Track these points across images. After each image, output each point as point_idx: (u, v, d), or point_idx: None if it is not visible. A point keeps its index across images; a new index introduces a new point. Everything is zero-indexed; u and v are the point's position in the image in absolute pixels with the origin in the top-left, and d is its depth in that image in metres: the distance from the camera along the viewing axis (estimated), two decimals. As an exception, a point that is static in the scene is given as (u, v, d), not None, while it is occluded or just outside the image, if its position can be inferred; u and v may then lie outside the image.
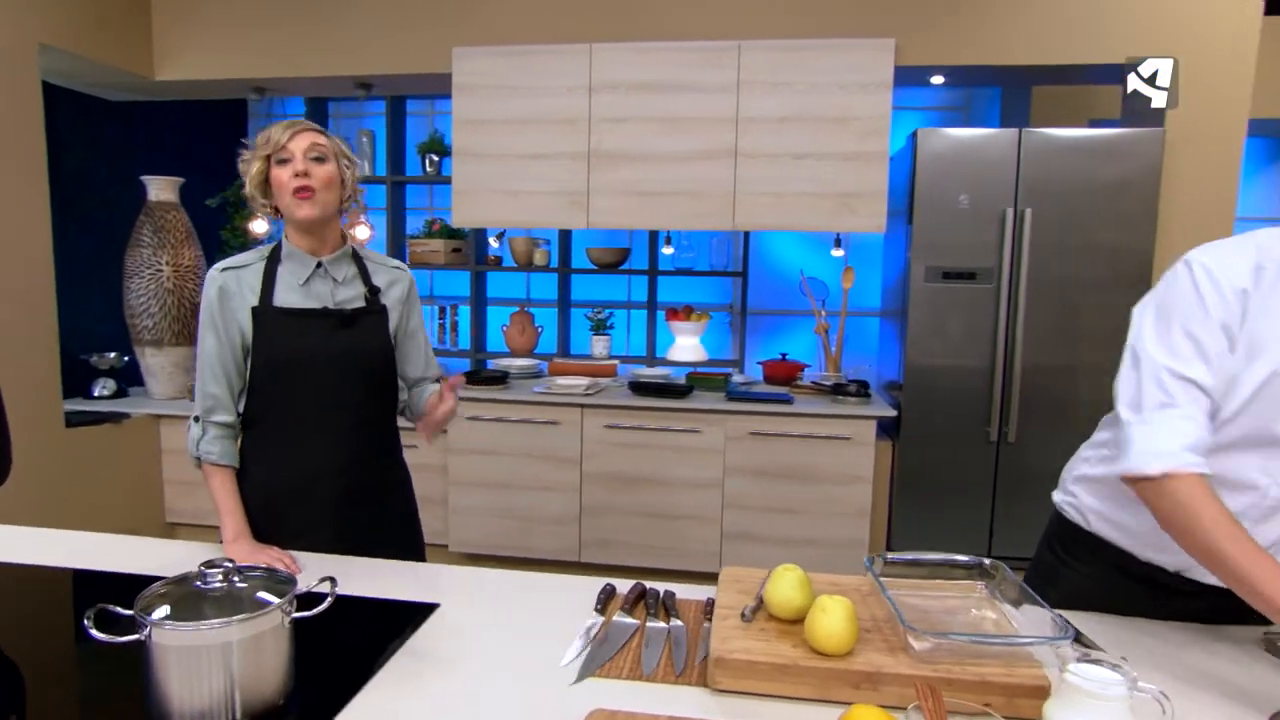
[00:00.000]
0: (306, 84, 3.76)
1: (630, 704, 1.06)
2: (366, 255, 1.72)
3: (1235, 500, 1.21)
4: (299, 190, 1.54)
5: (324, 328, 1.60)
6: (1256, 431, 1.21)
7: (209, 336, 1.59)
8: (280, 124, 1.56)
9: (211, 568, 1.03)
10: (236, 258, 1.63)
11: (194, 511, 3.69)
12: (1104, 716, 0.87)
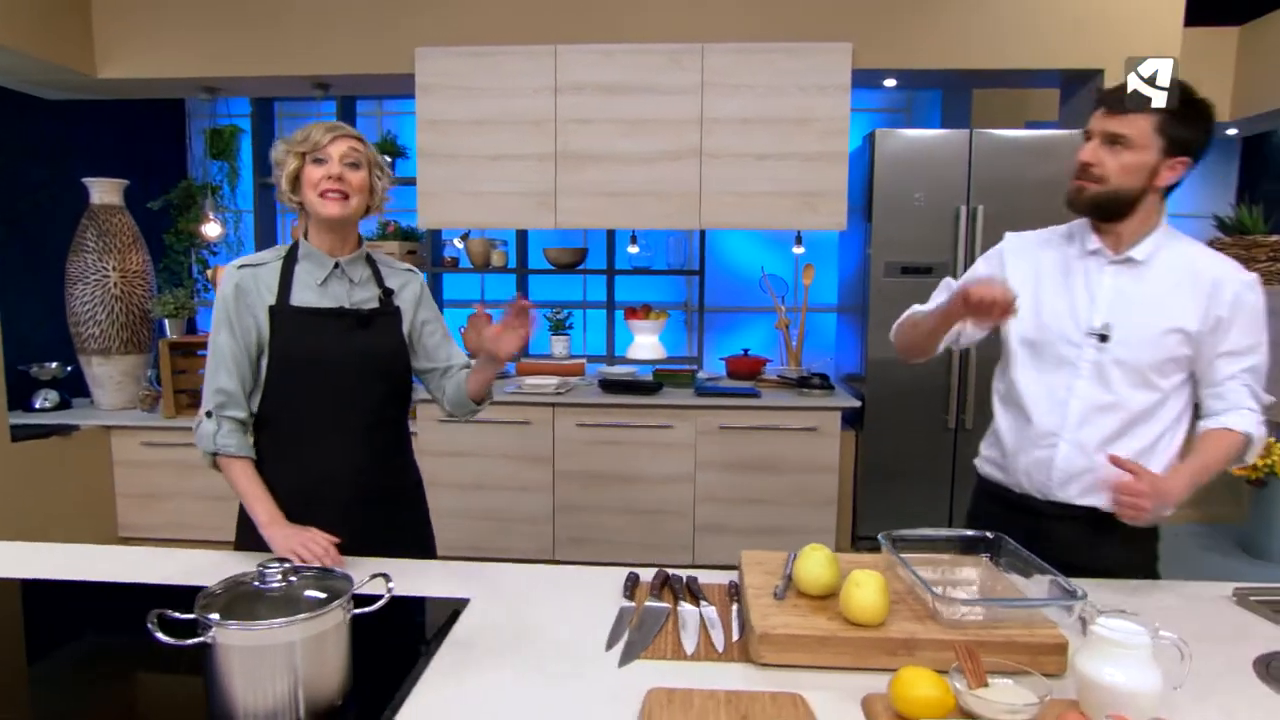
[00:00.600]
0: (260, 84, 3.67)
1: (679, 682, 1.10)
2: (380, 259, 1.73)
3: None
4: (329, 190, 1.54)
5: (341, 327, 1.60)
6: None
7: (223, 333, 1.58)
8: (321, 125, 1.56)
9: (269, 567, 1.03)
10: (254, 255, 1.63)
11: (148, 525, 3.56)
12: (1130, 664, 0.96)
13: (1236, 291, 1.46)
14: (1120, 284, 1.52)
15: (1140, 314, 1.49)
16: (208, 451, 1.58)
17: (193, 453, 3.34)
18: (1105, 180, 1.46)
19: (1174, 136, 1.42)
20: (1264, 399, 1.49)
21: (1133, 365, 1.49)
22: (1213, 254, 1.51)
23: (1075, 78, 3.44)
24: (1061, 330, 1.55)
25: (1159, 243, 1.50)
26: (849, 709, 1.04)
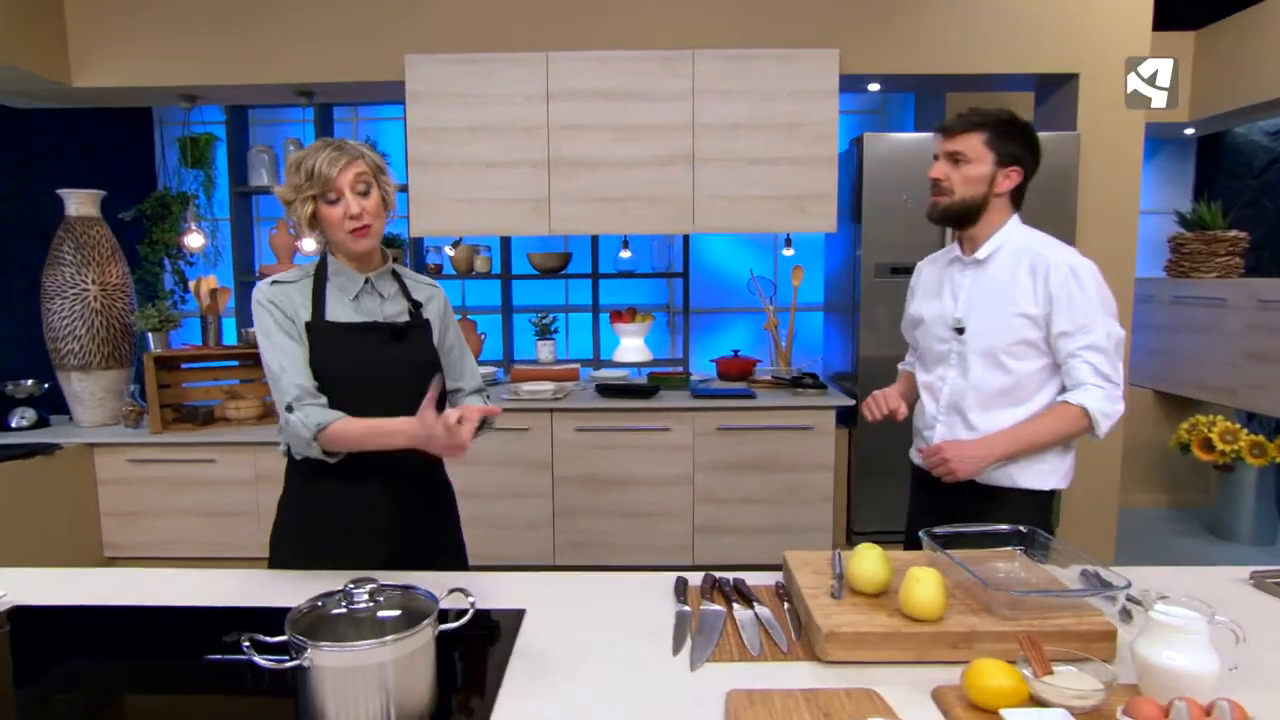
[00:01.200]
0: (242, 91, 3.60)
1: (751, 683, 1.13)
2: (403, 273, 1.73)
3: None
4: (355, 230, 1.54)
5: (376, 342, 1.61)
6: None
7: (278, 336, 1.54)
8: (322, 155, 1.51)
9: (357, 586, 1.04)
10: (282, 275, 1.62)
11: (135, 545, 3.48)
12: (1189, 648, 1.02)
13: (1064, 274, 1.65)
14: (973, 281, 1.76)
15: (988, 304, 1.72)
16: (310, 439, 1.49)
17: (183, 469, 3.29)
18: (953, 192, 1.71)
19: (1001, 150, 1.69)
20: (1109, 375, 1.65)
21: (987, 351, 1.71)
22: (1050, 242, 1.72)
23: (1050, 82, 3.56)
24: (935, 331, 1.81)
25: (1002, 239, 1.73)
26: (920, 701, 1.09)
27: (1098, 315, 1.65)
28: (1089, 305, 1.64)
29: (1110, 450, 3.53)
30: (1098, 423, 1.65)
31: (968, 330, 1.74)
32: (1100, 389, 1.64)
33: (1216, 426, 3.87)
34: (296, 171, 1.52)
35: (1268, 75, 3.82)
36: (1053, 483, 1.75)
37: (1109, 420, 1.65)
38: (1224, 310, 3.90)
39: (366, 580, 1.05)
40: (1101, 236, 3.38)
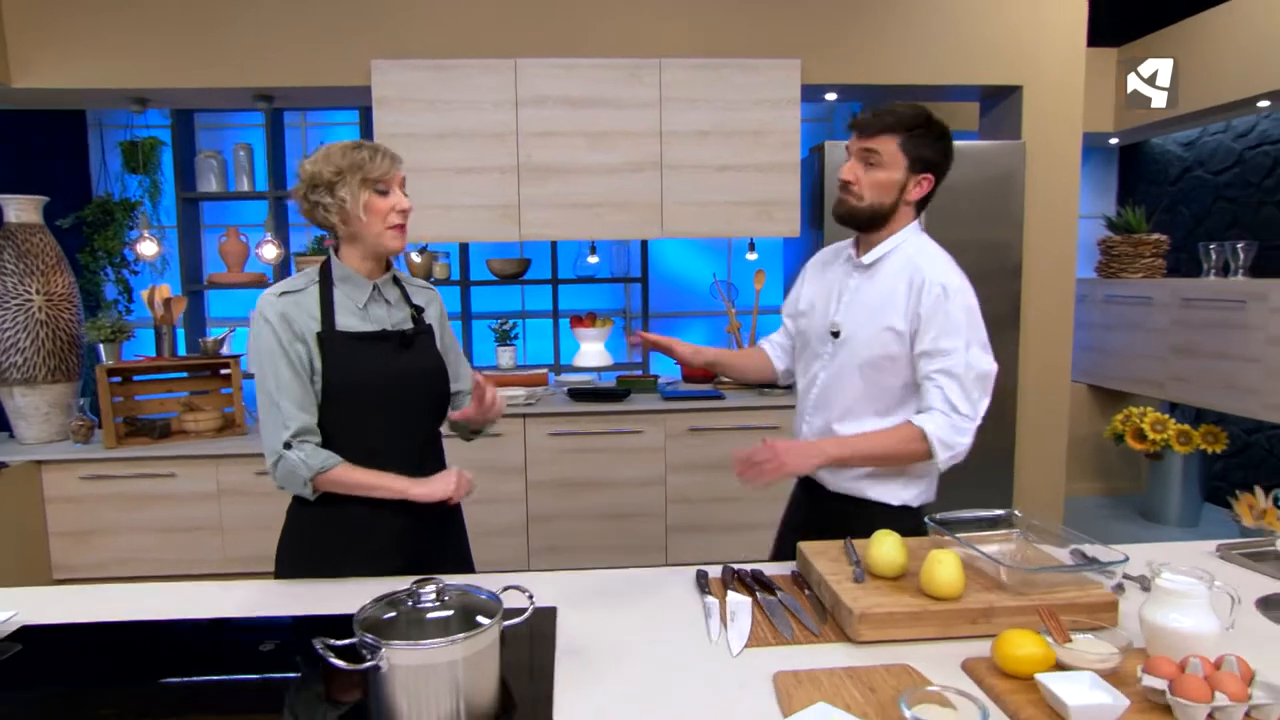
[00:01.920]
0: (198, 95, 3.50)
1: (791, 665, 1.19)
2: (401, 277, 1.72)
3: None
4: (398, 225, 1.55)
5: (386, 350, 1.61)
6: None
7: (281, 365, 1.51)
8: (378, 152, 1.53)
9: (423, 587, 1.06)
10: (288, 282, 1.59)
11: (86, 565, 3.33)
12: (1192, 611, 1.12)
13: (935, 294, 1.58)
14: (856, 286, 1.71)
15: (864, 314, 1.67)
16: (306, 480, 1.52)
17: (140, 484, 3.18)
18: (862, 196, 1.63)
19: (916, 155, 1.60)
20: (960, 404, 1.57)
21: (854, 360, 1.67)
22: (935, 258, 1.64)
23: (994, 93, 3.76)
24: (816, 328, 1.78)
25: (890, 247, 1.66)
26: (952, 673, 1.17)
27: (959, 342, 1.58)
28: (952, 330, 1.58)
29: (1055, 443, 3.74)
30: (935, 450, 1.57)
31: (842, 336, 1.70)
32: (946, 417, 1.57)
33: (1148, 417, 4.14)
34: (346, 155, 1.51)
35: (1184, 91, 4.11)
36: (906, 499, 1.70)
37: (949, 451, 1.57)
38: (1151, 308, 4.17)
39: (431, 580, 1.07)
40: (1047, 241, 3.59)
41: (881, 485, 1.71)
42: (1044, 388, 3.73)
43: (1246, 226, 4.35)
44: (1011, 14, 3.54)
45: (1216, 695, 0.98)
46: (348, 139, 1.59)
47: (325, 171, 1.52)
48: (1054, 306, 3.69)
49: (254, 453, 3.31)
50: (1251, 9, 3.73)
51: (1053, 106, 3.57)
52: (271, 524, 3.34)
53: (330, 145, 1.56)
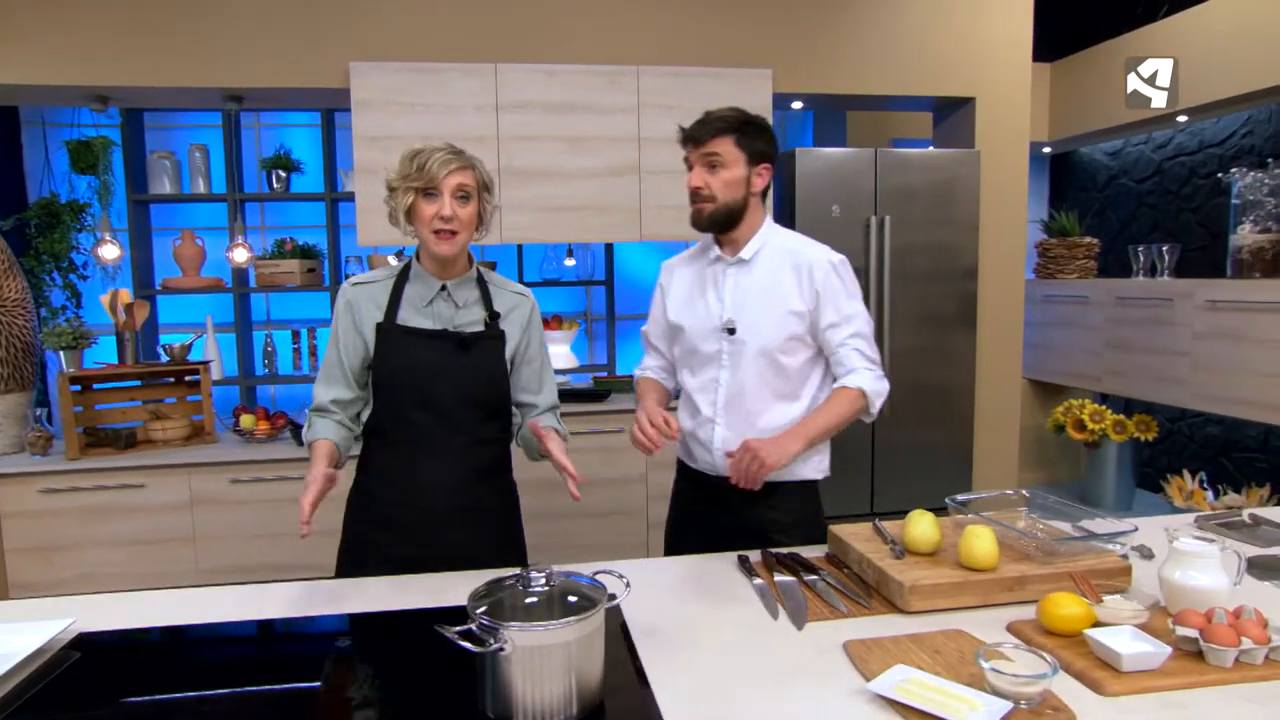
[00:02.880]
0: (164, 94, 3.39)
1: (857, 635, 1.29)
2: (491, 279, 1.75)
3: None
4: (441, 231, 1.58)
5: (442, 349, 1.65)
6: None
7: (331, 344, 1.70)
8: (438, 157, 1.55)
9: (533, 573, 1.11)
10: (369, 274, 1.70)
11: (47, 582, 3.19)
12: (1206, 570, 1.27)
13: (826, 270, 1.73)
14: (739, 282, 1.77)
15: (757, 304, 1.75)
16: (306, 441, 1.66)
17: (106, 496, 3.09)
18: (715, 199, 1.72)
19: (751, 149, 1.72)
20: (872, 356, 1.76)
21: (760, 350, 1.74)
22: (807, 241, 1.80)
23: (947, 103, 3.98)
24: (703, 332, 1.80)
25: (763, 240, 1.78)
26: (999, 634, 1.28)
27: (858, 305, 1.76)
28: (849, 296, 1.75)
29: (1009, 436, 3.99)
30: (872, 401, 1.73)
31: (739, 330, 1.75)
32: (870, 370, 1.74)
33: (1087, 409, 4.43)
34: (409, 162, 1.57)
35: (1110, 105, 4.43)
36: (822, 472, 1.85)
37: (880, 398, 1.74)
38: (1087, 306, 4.47)
39: (541, 566, 1.11)
40: (1000, 244, 3.82)
41: (806, 464, 1.81)
42: (999, 384, 3.96)
43: (1168, 231, 4.70)
44: (965, 29, 3.76)
45: (1242, 640, 1.12)
46: (429, 146, 1.62)
47: (392, 178, 1.62)
48: (1006, 306, 3.93)
49: (227, 461, 3.24)
50: (1171, 31, 4.05)
51: (1002, 117, 3.81)
52: (247, 533, 3.30)
53: (406, 152, 1.61)
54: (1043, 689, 1.04)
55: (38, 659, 1.25)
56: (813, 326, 1.75)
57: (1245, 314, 3.52)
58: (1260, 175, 3.65)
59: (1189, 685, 1.10)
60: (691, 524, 1.89)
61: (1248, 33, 3.64)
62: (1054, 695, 1.06)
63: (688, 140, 1.75)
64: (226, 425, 3.54)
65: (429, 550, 1.66)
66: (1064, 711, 1.04)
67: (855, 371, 1.74)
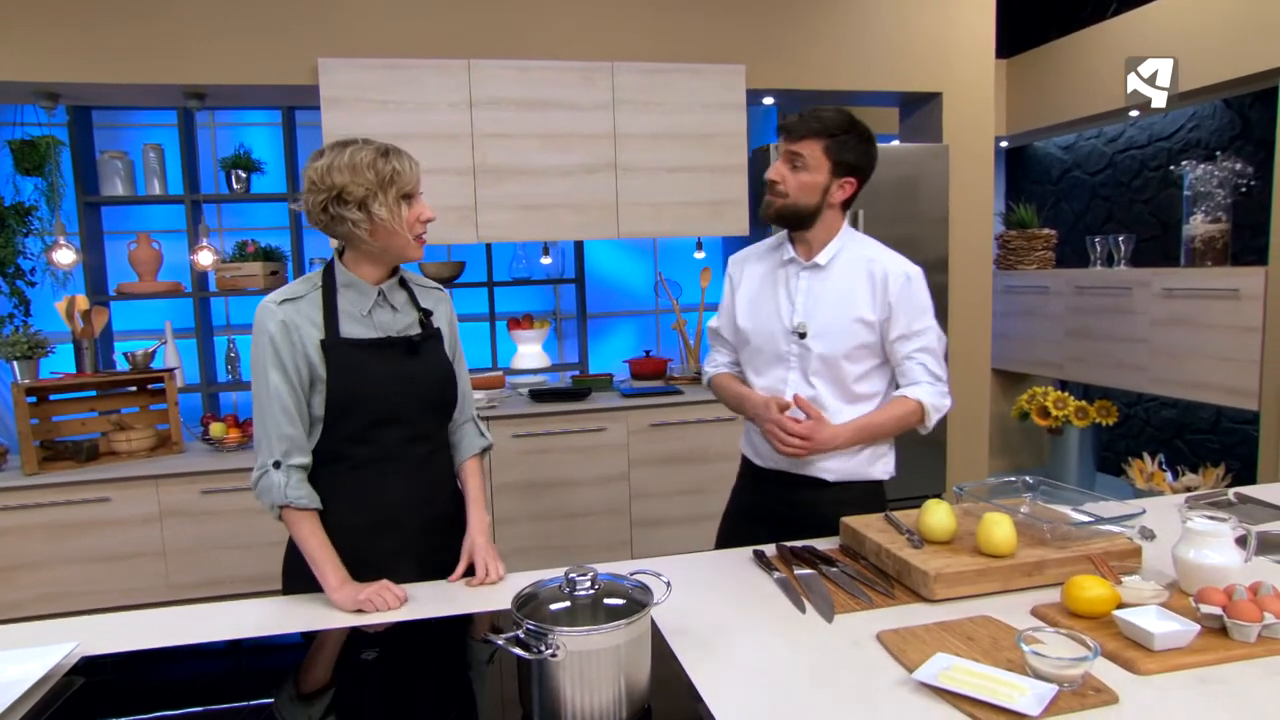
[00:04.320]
0: (119, 91, 3.25)
1: (888, 625, 1.30)
2: (409, 278, 1.67)
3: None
4: (423, 236, 1.53)
5: (393, 357, 1.56)
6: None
7: (274, 375, 1.48)
8: (404, 158, 1.49)
9: (578, 576, 1.08)
10: (288, 289, 1.53)
11: (7, 603, 3.04)
12: (1218, 548, 1.31)
13: (902, 282, 1.74)
14: (811, 286, 1.78)
15: (829, 310, 1.76)
16: (276, 504, 1.50)
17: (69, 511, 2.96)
18: (787, 196, 1.70)
19: (839, 159, 1.68)
20: (938, 373, 1.76)
21: (828, 356, 1.75)
22: (885, 251, 1.80)
23: (914, 99, 4.05)
24: (772, 332, 1.81)
25: (839, 246, 1.77)
26: (1024, 618, 1.30)
27: (929, 321, 1.77)
28: (922, 311, 1.75)
29: (979, 426, 4.08)
30: (929, 415, 1.74)
31: (810, 334, 1.76)
32: (932, 386, 1.75)
33: (1050, 396, 4.56)
34: (375, 168, 1.45)
35: (1063, 100, 4.56)
36: (888, 473, 1.88)
37: (938, 414, 1.75)
38: (1048, 296, 4.60)
39: (585, 569, 1.09)
40: (969, 237, 3.91)
41: (874, 465, 1.84)
42: (969, 375, 4.05)
43: (1121, 221, 4.86)
44: (931, 25, 3.83)
45: (1265, 615, 1.16)
46: (357, 140, 1.50)
47: (356, 187, 1.45)
48: (975, 298, 4.02)
49: (196, 471, 3.13)
50: (1121, 29, 4.18)
51: (968, 111, 3.89)
52: (219, 545, 3.20)
53: (353, 152, 1.46)
54: (1084, 671, 1.06)
55: (42, 688, 1.19)
56: (882, 336, 1.76)
57: (1199, 300, 3.67)
58: (1210, 168, 3.81)
59: (1218, 661, 1.13)
60: (753, 518, 1.89)
61: (1194, 32, 3.78)
62: (1094, 677, 1.08)
63: (781, 131, 1.71)
64: (194, 434, 3.42)
65: (406, 570, 1.57)
66: (1105, 692, 1.06)
67: (919, 384, 1.75)
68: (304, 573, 1.53)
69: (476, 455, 1.76)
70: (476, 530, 1.65)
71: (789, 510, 1.82)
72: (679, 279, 4.36)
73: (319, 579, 1.49)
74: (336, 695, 1.22)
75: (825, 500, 1.79)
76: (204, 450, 3.30)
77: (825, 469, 1.81)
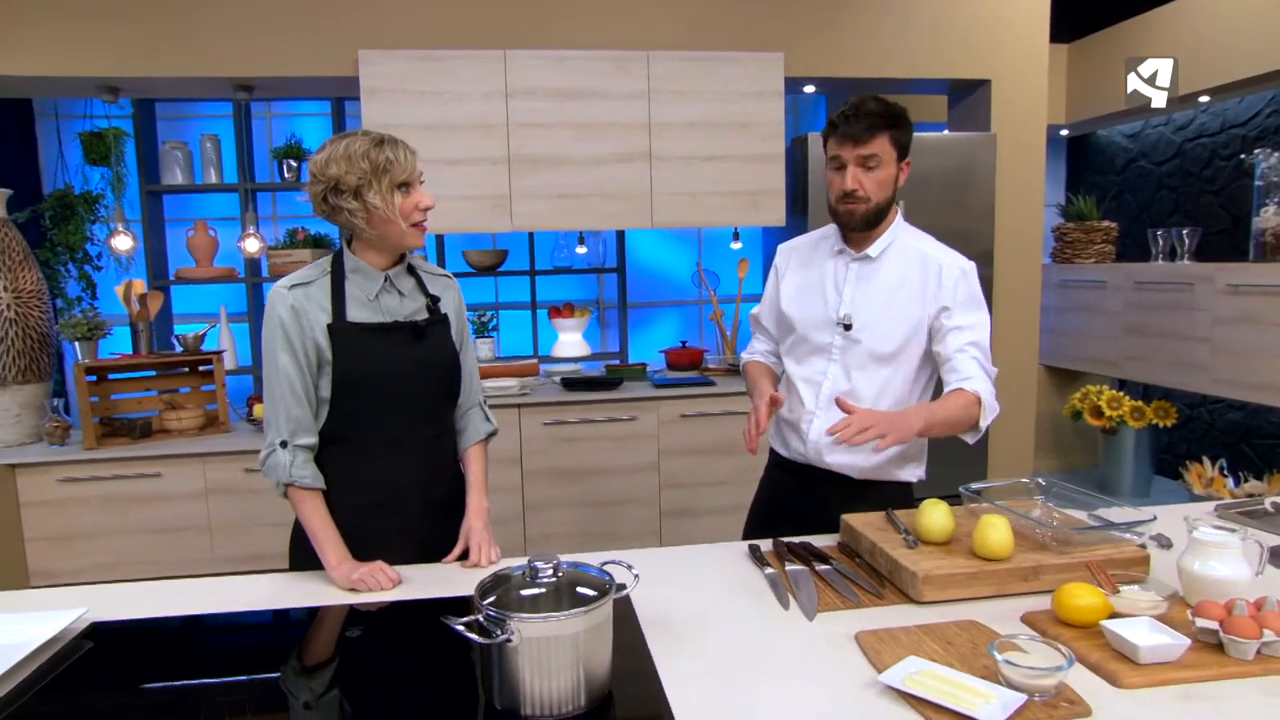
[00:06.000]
0: (173, 84, 3.39)
1: (869, 625, 1.27)
2: (418, 265, 1.70)
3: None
4: (421, 223, 1.55)
5: (399, 341, 1.59)
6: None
7: (284, 357, 1.53)
8: (401, 147, 1.52)
9: (540, 564, 1.10)
10: (299, 274, 1.58)
11: (67, 570, 3.23)
12: (1226, 560, 1.24)
13: (956, 275, 1.70)
14: (860, 278, 1.75)
15: (877, 304, 1.73)
16: (281, 482, 1.55)
17: (124, 485, 3.11)
18: (869, 199, 1.67)
19: (901, 144, 1.68)
20: (990, 370, 1.69)
21: (874, 348, 1.72)
22: (938, 245, 1.77)
23: (963, 86, 3.92)
24: (815, 323, 1.78)
25: (891, 238, 1.75)
26: (1013, 625, 1.26)
27: (983, 315, 1.72)
28: (975, 304, 1.71)
29: (1025, 423, 3.94)
30: (986, 409, 1.64)
31: (855, 326, 1.73)
32: (985, 380, 1.66)
33: (1105, 395, 4.38)
34: (369, 158, 1.47)
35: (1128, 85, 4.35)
36: (917, 476, 1.84)
37: (992, 414, 1.65)
38: (1105, 291, 4.41)
39: (548, 557, 1.11)
40: (1017, 230, 3.77)
41: (905, 467, 1.81)
42: (1015, 370, 3.92)
43: (1188, 214, 4.62)
44: (980, 10, 3.70)
45: (1264, 632, 1.10)
46: (358, 131, 1.54)
47: (350, 176, 1.48)
48: (1023, 292, 3.88)
49: (241, 450, 3.26)
50: (1192, 9, 3.96)
51: (1019, 99, 3.75)
52: (262, 521, 3.32)
53: (349, 144, 1.50)
54: (1057, 681, 1.03)
55: (51, 648, 1.26)
56: (932, 331, 1.71)
57: (1268, 298, 3.46)
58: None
59: (1209, 678, 1.08)
60: (780, 512, 1.87)
61: (1272, 8, 3.55)
62: (1069, 688, 1.05)
63: (847, 138, 1.65)
64: (240, 415, 3.56)
65: (407, 551, 1.62)
66: (1079, 704, 1.02)
67: (972, 379, 1.65)
68: (309, 550, 1.58)
69: (481, 441, 1.79)
70: (474, 514, 1.69)
71: (811, 507, 1.79)
72: (720, 270, 4.34)
73: (320, 556, 1.54)
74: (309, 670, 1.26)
75: (848, 498, 1.75)
76: (248, 430, 3.44)
77: (848, 466, 1.77)
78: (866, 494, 1.77)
